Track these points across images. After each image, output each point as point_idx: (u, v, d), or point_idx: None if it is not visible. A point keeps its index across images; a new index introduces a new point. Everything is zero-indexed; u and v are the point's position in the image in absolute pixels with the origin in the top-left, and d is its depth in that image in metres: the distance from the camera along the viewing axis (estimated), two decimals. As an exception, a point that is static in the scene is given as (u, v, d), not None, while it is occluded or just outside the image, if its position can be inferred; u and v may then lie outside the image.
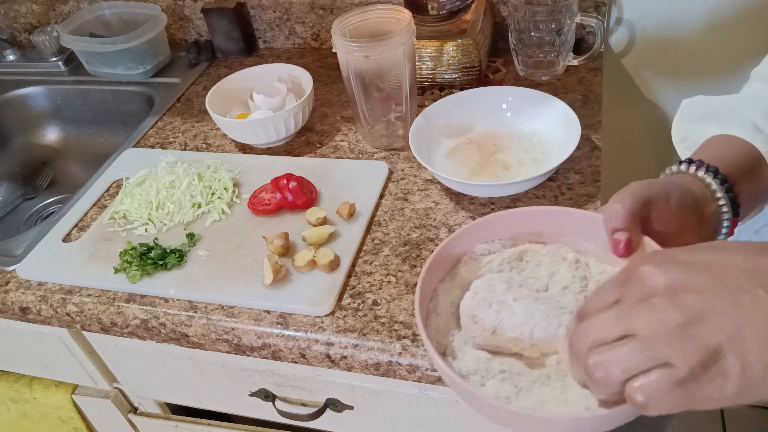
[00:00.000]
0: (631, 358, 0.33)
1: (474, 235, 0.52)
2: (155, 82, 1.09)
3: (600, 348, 0.35)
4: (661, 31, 0.97)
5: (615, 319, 0.35)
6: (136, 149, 0.92)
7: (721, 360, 0.31)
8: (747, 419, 1.45)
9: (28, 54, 1.23)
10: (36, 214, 1.09)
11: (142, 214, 0.78)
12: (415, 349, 0.59)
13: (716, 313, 0.32)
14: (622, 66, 1.02)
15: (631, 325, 0.34)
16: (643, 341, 0.33)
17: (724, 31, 0.94)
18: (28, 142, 1.17)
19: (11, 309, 0.73)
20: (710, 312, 0.32)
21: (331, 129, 0.90)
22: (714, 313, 0.32)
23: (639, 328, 0.33)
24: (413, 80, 0.80)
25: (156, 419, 0.92)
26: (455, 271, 0.52)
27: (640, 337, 0.33)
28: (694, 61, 0.99)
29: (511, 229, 0.52)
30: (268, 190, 0.76)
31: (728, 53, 0.96)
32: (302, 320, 0.64)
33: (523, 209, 0.52)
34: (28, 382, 0.93)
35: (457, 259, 0.52)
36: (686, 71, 1.00)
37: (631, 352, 0.33)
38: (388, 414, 0.72)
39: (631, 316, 0.34)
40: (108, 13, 1.14)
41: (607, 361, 0.34)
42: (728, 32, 0.94)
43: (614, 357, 0.34)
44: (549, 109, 0.77)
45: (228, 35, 1.09)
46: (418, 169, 0.80)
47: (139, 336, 0.70)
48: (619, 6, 0.96)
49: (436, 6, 0.86)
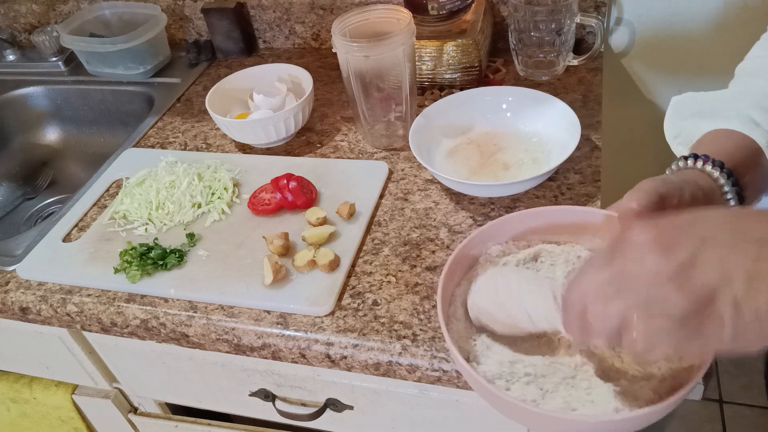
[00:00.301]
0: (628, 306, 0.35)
1: (488, 237, 0.52)
2: (155, 82, 1.09)
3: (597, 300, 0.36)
4: (661, 31, 0.97)
5: (610, 275, 0.36)
6: (136, 149, 0.92)
7: (714, 303, 0.33)
8: (747, 419, 1.45)
9: (28, 54, 1.23)
10: (36, 214, 1.09)
11: (142, 214, 0.78)
12: (414, 349, 0.59)
13: (706, 259, 0.33)
14: (622, 66, 1.02)
15: (625, 280, 0.35)
16: (639, 291, 0.34)
17: (724, 31, 0.94)
18: (28, 142, 1.17)
19: (11, 309, 0.73)
20: (701, 258, 0.33)
21: (331, 129, 0.90)
22: (704, 259, 0.33)
23: (633, 281, 0.35)
24: (413, 80, 0.80)
25: (156, 419, 0.92)
26: (471, 274, 0.52)
27: (636, 288, 0.35)
28: (694, 61, 0.99)
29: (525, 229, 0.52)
30: (268, 190, 0.76)
31: (728, 53, 0.95)
32: (302, 320, 0.64)
33: (535, 210, 0.52)
34: (28, 382, 0.93)
35: (472, 262, 0.52)
36: (686, 71, 1.00)
37: (628, 301, 0.35)
38: (388, 414, 0.72)
39: (624, 272, 0.35)
40: (108, 13, 1.14)
41: (604, 312, 0.35)
42: (728, 32, 0.94)
43: (611, 307, 0.35)
44: (549, 109, 0.77)
45: (228, 35, 1.09)
46: (418, 169, 0.80)
47: (139, 336, 0.70)
48: (619, 6, 0.96)
49: (436, 6, 0.86)
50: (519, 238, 0.54)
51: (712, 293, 0.33)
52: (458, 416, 0.68)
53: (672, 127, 0.59)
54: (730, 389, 1.50)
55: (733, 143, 0.51)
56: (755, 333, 0.33)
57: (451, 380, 0.59)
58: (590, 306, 0.37)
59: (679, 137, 0.58)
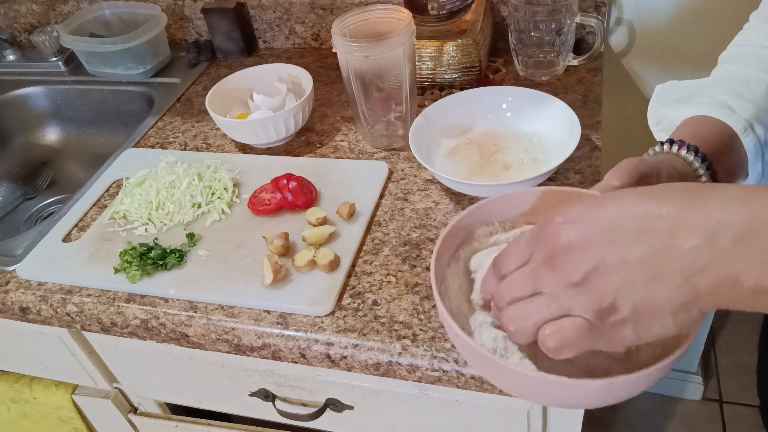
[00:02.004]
0: (539, 312, 0.38)
1: (475, 218, 0.53)
2: (155, 82, 1.09)
3: (513, 305, 0.40)
4: (661, 31, 0.97)
5: (524, 279, 0.39)
6: (136, 149, 0.92)
7: (616, 310, 0.36)
8: (747, 419, 1.45)
9: (28, 54, 1.23)
10: (36, 214, 1.09)
11: (142, 214, 0.78)
12: (414, 349, 0.59)
13: (608, 268, 0.35)
14: (622, 66, 1.02)
15: (538, 284, 0.38)
16: (549, 297, 0.37)
17: (724, 31, 0.94)
18: (28, 142, 1.17)
19: (11, 309, 0.73)
20: (603, 267, 0.36)
21: (331, 129, 0.90)
22: (607, 268, 0.35)
23: (544, 286, 0.38)
24: (413, 80, 0.80)
25: (156, 419, 0.92)
26: (458, 254, 0.53)
27: (546, 294, 0.38)
28: (694, 61, 0.99)
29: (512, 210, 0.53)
30: (268, 190, 0.76)
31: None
32: (302, 320, 0.64)
33: (522, 191, 0.53)
34: (28, 382, 0.93)
35: (460, 242, 0.53)
36: (686, 71, 1.00)
37: (540, 306, 0.38)
38: (388, 414, 0.72)
39: (537, 275, 0.38)
40: (108, 13, 1.14)
41: (518, 315, 0.39)
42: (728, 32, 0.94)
43: (524, 312, 0.39)
44: (549, 109, 0.77)
45: (228, 35, 1.09)
46: (418, 169, 0.80)
47: (139, 336, 0.70)
48: (619, 6, 0.96)
49: (436, 6, 0.86)
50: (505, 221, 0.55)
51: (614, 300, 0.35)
52: (458, 416, 0.68)
53: (654, 115, 0.61)
54: (730, 389, 1.50)
55: (708, 129, 0.53)
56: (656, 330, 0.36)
57: (451, 380, 0.59)
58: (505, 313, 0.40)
59: (660, 124, 0.60)
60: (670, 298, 0.35)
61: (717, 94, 0.55)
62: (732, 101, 0.54)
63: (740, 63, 0.60)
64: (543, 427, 0.67)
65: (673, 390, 1.50)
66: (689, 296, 0.34)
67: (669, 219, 0.35)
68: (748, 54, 0.60)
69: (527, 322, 0.38)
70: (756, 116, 0.53)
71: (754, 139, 0.53)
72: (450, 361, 0.58)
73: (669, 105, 0.59)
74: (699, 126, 0.54)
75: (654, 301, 0.35)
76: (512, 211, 0.53)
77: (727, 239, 0.33)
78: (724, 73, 0.60)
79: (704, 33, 0.95)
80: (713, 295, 0.34)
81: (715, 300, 0.34)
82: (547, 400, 0.48)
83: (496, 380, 0.46)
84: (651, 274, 0.35)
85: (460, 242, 0.53)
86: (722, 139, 0.52)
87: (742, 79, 0.57)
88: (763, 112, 0.54)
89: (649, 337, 0.36)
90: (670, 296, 0.35)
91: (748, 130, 0.53)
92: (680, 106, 0.57)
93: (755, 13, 0.64)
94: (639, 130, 1.09)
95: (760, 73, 0.57)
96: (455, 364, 0.58)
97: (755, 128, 0.53)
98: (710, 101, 0.54)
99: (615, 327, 0.36)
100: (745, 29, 0.65)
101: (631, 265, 0.35)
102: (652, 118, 0.62)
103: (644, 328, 0.36)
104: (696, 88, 0.59)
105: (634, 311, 0.35)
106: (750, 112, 0.53)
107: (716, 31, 0.94)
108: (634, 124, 1.08)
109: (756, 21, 0.64)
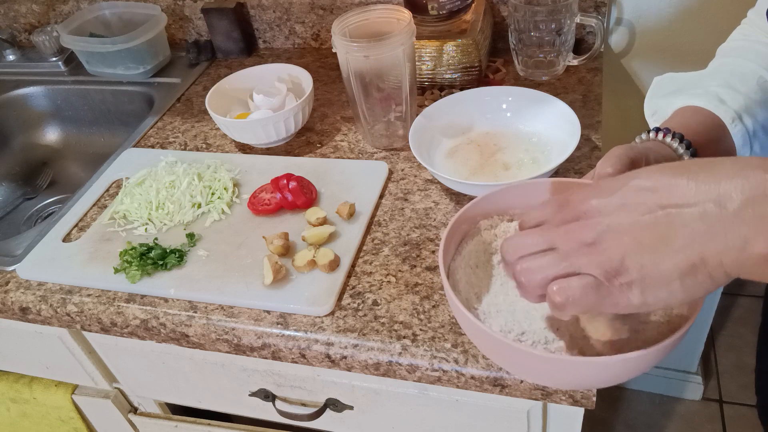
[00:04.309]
0: (550, 267, 0.39)
1: (478, 211, 0.54)
2: (155, 82, 1.09)
3: (525, 257, 0.40)
4: (661, 31, 0.97)
5: (540, 235, 0.41)
6: (136, 149, 0.92)
7: (624, 271, 0.36)
8: (747, 419, 1.45)
9: (28, 54, 1.22)
10: (36, 214, 1.09)
11: (142, 214, 0.78)
12: (414, 349, 0.59)
13: (620, 230, 0.37)
14: (622, 66, 1.02)
15: (553, 241, 0.39)
16: (562, 254, 0.39)
17: (724, 31, 0.94)
18: (28, 142, 1.17)
19: (11, 309, 0.73)
20: (615, 229, 0.37)
21: (331, 129, 0.90)
22: (618, 230, 0.37)
23: (558, 243, 0.39)
24: (413, 80, 0.80)
25: (156, 419, 0.92)
26: (461, 248, 0.54)
27: (559, 250, 0.39)
28: (694, 61, 0.98)
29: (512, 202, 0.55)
30: (268, 190, 0.76)
31: (728, 53, 0.96)
32: (302, 320, 0.64)
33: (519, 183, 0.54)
34: (28, 382, 0.93)
35: (463, 235, 0.54)
36: (686, 71, 1.00)
37: (551, 261, 0.39)
38: (388, 414, 0.72)
39: (552, 233, 0.40)
40: (108, 13, 1.14)
41: (530, 267, 0.40)
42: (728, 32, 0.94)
43: (536, 264, 0.40)
44: (549, 109, 0.77)
45: (228, 35, 1.09)
46: (418, 169, 0.80)
47: (139, 336, 0.70)
48: (619, 6, 0.96)
49: (436, 6, 0.86)
50: (503, 213, 0.55)
51: (623, 263, 0.36)
52: (458, 416, 0.68)
53: (650, 106, 0.63)
54: (730, 389, 1.50)
55: (698, 119, 0.54)
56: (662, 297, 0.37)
57: (451, 380, 0.59)
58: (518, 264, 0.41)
59: (655, 115, 0.62)
60: (677, 260, 0.35)
61: (710, 86, 0.57)
62: (724, 93, 0.55)
63: (736, 56, 0.61)
64: (543, 427, 0.67)
65: (673, 390, 1.50)
66: (696, 259, 0.35)
67: (681, 186, 0.36)
68: (744, 48, 0.62)
69: (538, 275, 0.39)
70: (746, 108, 0.54)
71: (742, 130, 0.54)
72: (450, 361, 0.58)
73: (665, 97, 0.61)
74: (690, 116, 0.55)
75: (661, 264, 0.36)
76: (520, 202, 0.54)
77: (736, 204, 0.34)
78: (720, 66, 0.61)
79: (704, 33, 0.95)
80: (720, 259, 0.35)
81: (724, 266, 0.35)
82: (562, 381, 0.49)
83: (510, 365, 0.48)
84: (660, 237, 0.36)
85: (463, 235, 0.54)
86: (711, 129, 0.54)
87: (736, 72, 0.58)
88: (754, 104, 0.55)
89: (656, 302, 0.37)
90: (677, 258, 0.35)
91: (737, 120, 0.54)
92: (674, 98, 0.58)
93: (752, 10, 0.66)
94: (639, 130, 1.08)
95: (755, 66, 0.58)
96: (455, 364, 0.58)
97: (744, 119, 0.54)
98: (703, 93, 0.56)
99: (622, 289, 0.37)
100: (743, 25, 0.66)
101: (641, 227, 0.36)
102: (648, 108, 0.63)
103: (651, 292, 0.36)
104: (691, 79, 0.61)
105: (641, 273, 0.36)
106: (740, 104, 0.54)
107: (716, 31, 0.94)
108: (634, 124, 1.08)
109: (753, 17, 0.65)
